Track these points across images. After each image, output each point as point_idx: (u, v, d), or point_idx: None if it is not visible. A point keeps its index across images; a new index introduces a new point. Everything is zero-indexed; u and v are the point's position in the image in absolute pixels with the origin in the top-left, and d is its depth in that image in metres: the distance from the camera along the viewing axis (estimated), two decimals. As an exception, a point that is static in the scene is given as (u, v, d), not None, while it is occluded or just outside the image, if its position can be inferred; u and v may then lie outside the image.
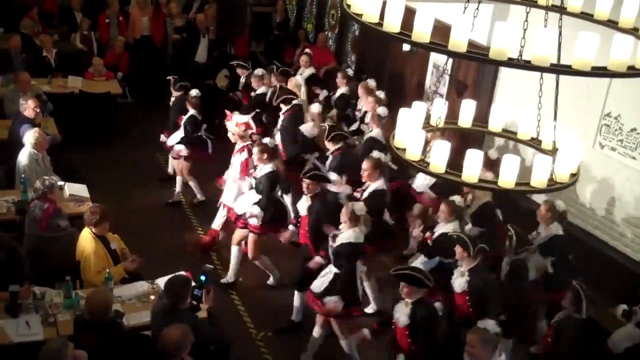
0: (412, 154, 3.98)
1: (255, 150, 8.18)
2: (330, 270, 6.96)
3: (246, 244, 8.35)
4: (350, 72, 11.49)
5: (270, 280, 8.60)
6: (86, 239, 6.74)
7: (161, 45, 13.92)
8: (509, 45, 3.39)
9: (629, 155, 8.12)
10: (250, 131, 9.35)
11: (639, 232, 8.07)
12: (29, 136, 8.16)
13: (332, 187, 8.31)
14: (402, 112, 4.18)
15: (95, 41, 13.24)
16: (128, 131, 12.02)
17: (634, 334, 6.48)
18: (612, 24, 4.18)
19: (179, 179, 10.25)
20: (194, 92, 9.92)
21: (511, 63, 3.43)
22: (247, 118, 9.78)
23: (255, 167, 8.41)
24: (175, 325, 5.21)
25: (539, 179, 3.92)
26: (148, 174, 10.92)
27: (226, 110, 9.82)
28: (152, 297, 6.53)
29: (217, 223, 9.07)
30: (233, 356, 6.25)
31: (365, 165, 7.95)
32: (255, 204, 8.07)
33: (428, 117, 4.49)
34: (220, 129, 10.04)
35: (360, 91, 10.53)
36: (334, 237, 6.96)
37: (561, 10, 3.97)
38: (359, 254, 6.99)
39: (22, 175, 8.02)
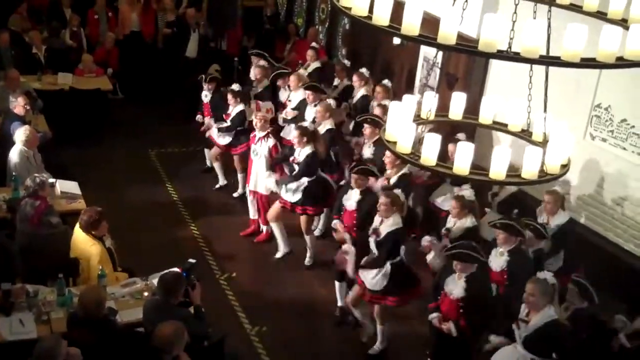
0: (403, 147, 3.99)
1: (295, 133, 8.38)
2: (383, 265, 7.00)
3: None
4: (365, 71, 10.71)
5: (307, 261, 8.88)
6: (86, 241, 6.72)
7: (151, 41, 13.88)
8: (499, 37, 3.40)
9: (619, 146, 8.14)
10: (270, 116, 9.57)
11: (630, 223, 8.10)
12: (20, 134, 8.13)
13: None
14: (393, 105, 4.19)
15: (84, 37, 13.18)
16: (119, 127, 11.98)
17: None
18: (601, 15, 4.19)
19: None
20: (235, 86, 9.97)
21: (500, 55, 3.44)
22: (270, 104, 9.92)
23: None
24: (170, 321, 5.21)
25: (530, 171, 3.93)
26: (140, 170, 10.90)
27: (257, 101, 9.90)
28: (146, 294, 6.52)
29: (253, 212, 9.43)
30: (227, 351, 6.25)
31: (388, 152, 7.99)
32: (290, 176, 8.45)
33: (421, 110, 4.51)
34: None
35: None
36: (375, 231, 7.00)
37: (550, 1, 3.98)
38: (404, 238, 7.10)
39: (13, 173, 8.00)
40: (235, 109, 9.87)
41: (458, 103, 4.74)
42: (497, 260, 6.82)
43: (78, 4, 13.51)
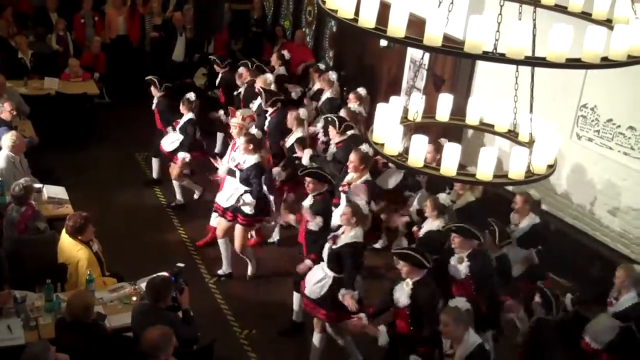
0: (390, 149, 4.00)
1: (241, 140, 8.23)
2: (327, 275, 6.82)
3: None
4: (332, 74, 10.82)
5: (249, 272, 8.68)
6: (73, 246, 6.69)
7: (138, 45, 13.85)
8: (484, 39, 3.41)
9: (605, 146, 8.20)
10: (253, 123, 9.50)
11: (617, 222, 8.15)
12: (7, 139, 8.09)
13: None
14: (380, 107, 4.20)
15: (71, 42, 13.13)
16: (106, 132, 11.94)
17: (613, 325, 6.52)
18: (585, 15, 4.22)
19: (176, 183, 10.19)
20: (191, 95, 9.87)
21: (486, 56, 3.45)
22: (251, 111, 9.84)
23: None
24: (157, 326, 5.18)
25: (516, 171, 3.95)
26: (127, 175, 10.86)
27: (230, 107, 9.88)
28: (134, 299, 6.50)
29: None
30: (217, 355, 6.23)
31: (352, 157, 7.95)
32: (247, 192, 8.16)
33: (406, 112, 4.52)
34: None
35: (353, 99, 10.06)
36: (335, 238, 6.81)
37: (535, 2, 3.99)
38: (362, 253, 6.97)
39: (0, 179, 7.95)
40: (185, 117, 9.75)
41: (445, 104, 4.75)
42: (459, 267, 6.65)
43: (64, 9, 13.45)
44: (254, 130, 8.51)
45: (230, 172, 8.48)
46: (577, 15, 4.24)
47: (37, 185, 7.95)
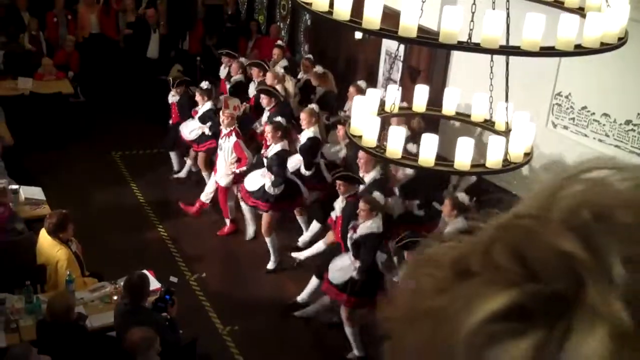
0: (369, 140, 4.01)
1: (268, 128, 8.41)
2: (351, 262, 7.07)
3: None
4: (319, 68, 10.91)
5: (270, 265, 8.72)
6: (52, 246, 6.63)
7: (116, 42, 13.81)
8: (459, 29, 3.43)
9: (580, 133, 8.27)
10: (237, 113, 9.69)
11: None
12: (-20, 141, 8.02)
13: None
14: (357, 99, 4.21)
15: (44, 41, 13.00)
16: (82, 131, 11.82)
17: None
18: (558, 4, 4.25)
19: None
20: (205, 84, 10.00)
21: (461, 46, 3.47)
22: (237, 101, 10.06)
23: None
24: (142, 328, 5.14)
25: (494, 160, 3.98)
26: (104, 173, 10.77)
27: (225, 99, 10.06)
28: (115, 298, 6.47)
29: (207, 196, 9.55)
30: (199, 351, 6.23)
31: (360, 154, 7.95)
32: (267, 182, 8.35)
33: (383, 104, 4.54)
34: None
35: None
36: (354, 227, 7.04)
37: (508, -8, 4.01)
38: (379, 243, 7.12)
39: (-25, 181, 7.88)
40: (203, 106, 9.93)
41: (421, 95, 4.78)
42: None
43: (36, 8, 13.31)
44: (279, 117, 8.68)
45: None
46: (550, 4, 4.27)
47: (14, 187, 7.88)
